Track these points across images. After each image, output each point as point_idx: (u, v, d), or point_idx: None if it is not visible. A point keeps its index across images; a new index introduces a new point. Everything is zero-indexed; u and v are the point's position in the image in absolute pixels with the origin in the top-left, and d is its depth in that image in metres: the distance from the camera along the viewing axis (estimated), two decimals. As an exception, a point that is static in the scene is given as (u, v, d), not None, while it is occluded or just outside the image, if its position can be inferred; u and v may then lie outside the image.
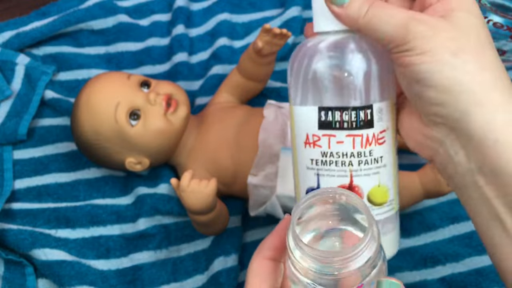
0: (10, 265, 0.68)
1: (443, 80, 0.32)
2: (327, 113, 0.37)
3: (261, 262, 0.34)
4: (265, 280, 0.34)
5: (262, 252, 0.35)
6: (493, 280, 0.64)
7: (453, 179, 0.35)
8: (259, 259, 0.34)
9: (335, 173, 0.38)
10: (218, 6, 0.93)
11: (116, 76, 0.71)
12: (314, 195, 0.32)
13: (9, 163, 0.77)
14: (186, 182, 0.62)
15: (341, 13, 0.35)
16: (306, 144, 0.38)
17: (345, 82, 0.36)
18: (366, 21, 0.34)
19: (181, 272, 0.69)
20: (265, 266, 0.34)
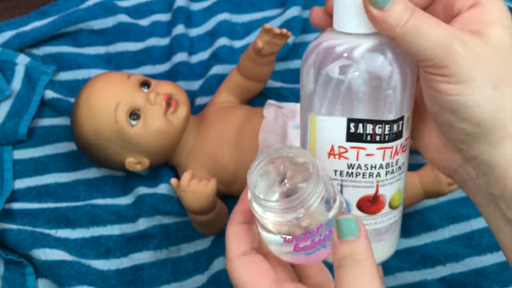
0: (10, 265, 0.68)
1: (480, 115, 0.31)
2: (357, 125, 0.35)
3: (235, 226, 0.37)
4: (242, 242, 0.36)
5: (234, 218, 0.37)
6: (493, 280, 0.64)
7: (474, 196, 0.36)
8: (232, 224, 0.37)
9: (361, 184, 0.37)
10: (218, 6, 0.93)
11: (116, 76, 0.71)
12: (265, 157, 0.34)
13: (9, 163, 0.77)
14: (186, 182, 0.62)
15: (380, 17, 0.31)
16: (330, 155, 0.36)
17: (382, 96, 0.34)
18: (404, 31, 0.30)
19: (181, 272, 0.69)
20: (239, 229, 0.36)
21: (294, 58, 0.86)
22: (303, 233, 0.32)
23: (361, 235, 0.31)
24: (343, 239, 0.31)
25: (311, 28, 0.89)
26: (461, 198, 0.71)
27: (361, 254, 0.30)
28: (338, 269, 0.31)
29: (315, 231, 0.32)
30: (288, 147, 0.34)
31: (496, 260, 0.66)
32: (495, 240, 0.69)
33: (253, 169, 0.34)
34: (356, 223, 0.31)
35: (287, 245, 0.34)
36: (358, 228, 0.31)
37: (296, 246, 0.33)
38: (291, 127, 0.67)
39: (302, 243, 0.33)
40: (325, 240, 0.33)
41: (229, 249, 0.36)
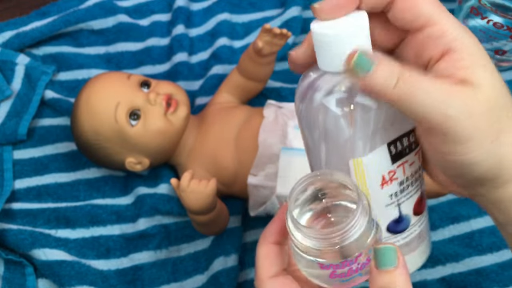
0: (10, 265, 0.68)
1: (482, 169, 0.31)
2: (396, 145, 0.35)
3: (267, 246, 0.36)
4: (274, 264, 0.35)
5: (267, 238, 0.36)
6: (493, 280, 0.64)
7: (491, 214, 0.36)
8: (265, 244, 0.36)
9: (411, 193, 0.38)
10: (218, 6, 0.93)
11: (116, 76, 0.71)
12: (305, 180, 0.33)
13: (9, 163, 0.77)
14: (186, 182, 0.62)
15: (365, 85, 0.30)
16: (383, 185, 0.36)
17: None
18: (396, 97, 0.30)
19: (181, 272, 0.69)
20: (271, 250, 0.36)
21: (294, 58, 0.86)
22: (342, 261, 0.32)
23: (400, 265, 0.30)
24: (381, 268, 0.30)
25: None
26: (461, 198, 0.71)
27: (400, 286, 0.30)
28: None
29: (354, 259, 0.32)
30: (331, 171, 0.33)
31: (496, 260, 0.66)
32: (495, 240, 0.70)
33: (294, 191, 0.33)
34: (395, 252, 0.31)
35: (323, 270, 0.33)
36: (397, 258, 0.30)
37: (332, 273, 0.33)
38: (291, 127, 0.67)
39: (339, 270, 0.33)
40: (362, 268, 0.33)
41: (260, 269, 0.36)
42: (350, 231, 0.31)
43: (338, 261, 0.32)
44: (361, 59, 0.30)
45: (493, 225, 0.69)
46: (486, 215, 0.70)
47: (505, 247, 0.67)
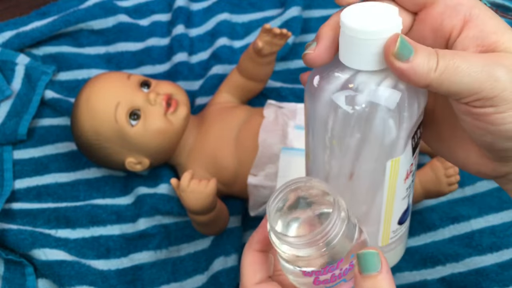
0: (10, 265, 0.68)
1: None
2: (415, 137, 0.35)
3: (252, 254, 0.36)
4: (258, 271, 0.36)
5: (252, 246, 0.37)
6: (493, 280, 0.64)
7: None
8: (250, 252, 0.37)
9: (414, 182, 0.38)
10: (218, 6, 0.93)
11: (116, 76, 0.71)
12: (283, 188, 0.33)
13: (9, 163, 0.77)
14: (186, 182, 0.62)
15: (408, 69, 0.29)
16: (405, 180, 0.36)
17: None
18: (439, 75, 0.28)
19: (181, 272, 0.69)
20: (256, 257, 0.36)
21: (294, 58, 0.86)
22: (323, 267, 0.32)
23: (383, 270, 0.30)
24: (365, 273, 0.30)
25: (311, 28, 0.89)
26: (461, 198, 0.71)
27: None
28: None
29: (336, 265, 0.32)
30: (308, 178, 0.33)
31: (496, 260, 0.66)
32: (495, 240, 0.70)
33: (272, 200, 0.33)
34: (378, 257, 0.30)
35: (306, 278, 0.33)
36: (380, 262, 0.30)
37: (315, 280, 0.33)
38: (291, 127, 0.67)
39: (322, 277, 0.33)
40: (345, 273, 0.33)
41: (245, 276, 0.36)
42: (327, 235, 0.30)
43: (319, 267, 0.32)
44: (403, 44, 0.29)
45: (493, 225, 0.69)
46: (486, 215, 0.70)
47: (505, 247, 0.67)
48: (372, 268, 0.30)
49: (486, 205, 0.71)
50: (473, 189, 0.72)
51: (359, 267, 0.31)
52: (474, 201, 0.71)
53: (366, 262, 0.30)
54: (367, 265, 0.30)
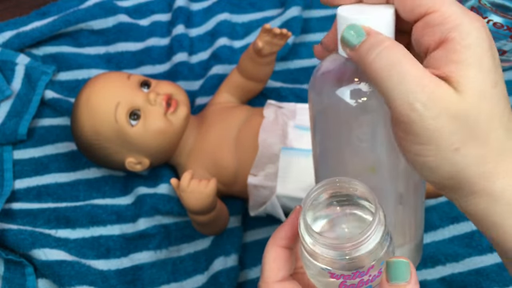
0: (10, 265, 0.68)
1: (445, 175, 0.30)
2: None
3: (277, 250, 0.35)
4: (282, 268, 0.35)
5: (277, 241, 0.35)
6: (493, 280, 0.64)
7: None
8: (274, 248, 0.35)
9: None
10: (218, 6, 0.93)
11: (116, 76, 0.71)
12: (323, 185, 0.33)
13: (9, 163, 0.77)
14: (186, 182, 0.62)
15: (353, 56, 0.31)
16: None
17: None
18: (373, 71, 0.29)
19: (181, 272, 0.69)
20: (281, 254, 0.35)
21: (294, 58, 0.86)
22: (354, 272, 0.31)
23: (412, 281, 0.30)
24: (393, 282, 0.30)
25: (311, 28, 0.89)
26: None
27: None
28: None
29: (366, 271, 0.32)
30: (350, 180, 0.33)
31: (496, 260, 0.66)
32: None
33: (310, 195, 0.33)
34: (408, 266, 0.30)
35: (333, 280, 0.32)
36: (410, 273, 0.30)
37: (342, 283, 0.32)
38: (291, 127, 0.67)
39: (349, 281, 0.32)
40: (373, 280, 0.32)
41: (268, 272, 0.35)
42: (365, 242, 0.30)
43: (350, 271, 0.31)
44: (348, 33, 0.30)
45: (493, 225, 0.69)
46: (486, 215, 0.70)
47: (505, 247, 0.67)
48: (402, 277, 0.30)
49: (486, 205, 0.71)
50: (473, 189, 0.72)
51: (388, 275, 0.30)
52: (474, 201, 0.71)
53: (396, 271, 0.30)
54: (397, 274, 0.30)
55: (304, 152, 0.64)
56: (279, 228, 0.35)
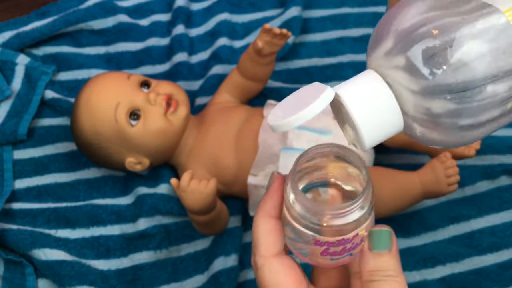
0: (10, 265, 0.68)
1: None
2: None
3: (270, 222, 0.33)
4: (279, 240, 0.33)
5: (268, 212, 0.33)
6: (493, 280, 0.64)
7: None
8: (267, 219, 0.33)
9: None
10: (218, 6, 0.93)
11: (116, 76, 0.71)
12: (315, 148, 0.32)
13: (9, 163, 0.77)
14: (186, 182, 0.62)
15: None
16: None
17: None
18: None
19: (181, 272, 0.69)
20: (275, 225, 0.33)
21: (294, 58, 0.86)
22: (339, 240, 0.31)
23: (393, 249, 0.30)
24: (375, 250, 0.30)
25: (311, 28, 0.89)
26: (461, 198, 0.71)
27: (393, 270, 0.30)
28: (370, 284, 0.30)
29: (350, 239, 0.32)
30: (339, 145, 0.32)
31: (496, 260, 0.66)
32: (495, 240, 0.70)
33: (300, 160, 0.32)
34: (390, 235, 0.31)
35: (316, 247, 0.32)
36: (392, 241, 0.31)
37: (325, 251, 0.32)
38: (291, 127, 0.67)
39: (332, 249, 0.32)
40: (355, 248, 0.32)
41: (264, 245, 0.33)
42: (355, 209, 0.30)
43: (335, 239, 0.31)
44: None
45: (493, 225, 0.69)
46: (486, 215, 0.70)
47: (505, 247, 0.67)
48: (384, 246, 0.30)
49: (486, 205, 0.71)
50: (473, 189, 0.72)
51: (371, 243, 0.31)
52: (474, 201, 0.71)
53: (379, 240, 0.31)
54: (379, 242, 0.30)
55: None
56: (265, 199, 0.34)
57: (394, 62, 0.28)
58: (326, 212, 0.30)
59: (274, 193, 0.34)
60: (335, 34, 0.88)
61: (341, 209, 0.30)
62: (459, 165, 0.67)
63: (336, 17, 0.89)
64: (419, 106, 0.27)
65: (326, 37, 0.88)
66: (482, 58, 0.26)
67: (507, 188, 0.72)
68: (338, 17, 0.89)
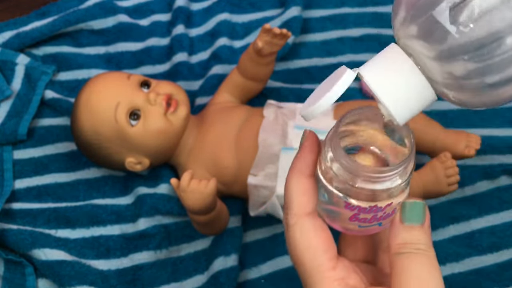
0: (10, 265, 0.68)
1: None
2: None
3: (304, 180, 0.32)
4: (311, 200, 0.32)
5: (302, 170, 0.32)
6: (493, 280, 0.64)
7: None
8: (300, 178, 0.32)
9: None
10: (218, 6, 0.93)
11: (116, 76, 0.71)
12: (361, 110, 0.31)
13: (9, 163, 0.77)
14: (186, 182, 0.62)
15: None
16: None
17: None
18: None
19: (181, 272, 0.69)
20: (309, 184, 0.32)
21: (294, 58, 0.86)
22: (371, 206, 0.30)
23: (426, 224, 0.30)
24: (407, 223, 0.29)
25: (311, 28, 0.89)
26: (461, 198, 0.71)
27: (424, 244, 0.29)
28: (400, 256, 0.29)
29: (383, 207, 0.30)
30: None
31: (496, 260, 0.66)
32: (495, 240, 0.70)
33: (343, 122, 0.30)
34: (424, 209, 0.30)
35: (346, 211, 0.31)
36: (425, 215, 0.30)
37: (354, 215, 0.31)
38: (291, 127, 0.67)
39: (362, 215, 0.31)
40: (385, 218, 0.31)
41: (297, 204, 0.32)
42: (393, 176, 0.29)
43: (367, 204, 0.30)
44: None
45: (493, 225, 0.69)
46: (486, 215, 0.70)
47: (505, 247, 0.67)
48: (416, 219, 0.29)
49: (486, 205, 0.71)
50: (473, 189, 0.72)
51: (403, 215, 0.30)
52: (474, 201, 0.71)
53: (412, 212, 0.30)
54: (412, 214, 0.30)
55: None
56: (298, 157, 0.32)
57: (410, 31, 0.28)
58: (364, 174, 0.29)
59: (307, 151, 0.32)
60: (335, 34, 0.88)
61: (380, 173, 0.29)
62: (459, 165, 0.67)
63: (336, 17, 0.89)
64: (442, 72, 0.27)
65: (326, 37, 0.88)
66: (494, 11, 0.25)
67: (507, 188, 0.72)
68: (338, 17, 0.89)
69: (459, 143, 0.68)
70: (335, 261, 0.31)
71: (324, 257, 0.31)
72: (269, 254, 0.70)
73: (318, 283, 0.30)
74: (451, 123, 0.75)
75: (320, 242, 0.31)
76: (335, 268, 0.31)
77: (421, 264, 0.29)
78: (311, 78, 0.83)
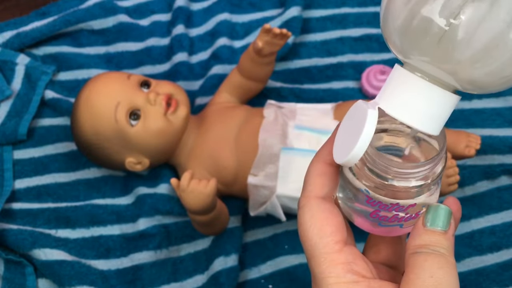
0: (10, 265, 0.68)
1: None
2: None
3: (322, 165, 0.32)
4: (327, 184, 0.32)
5: (323, 156, 0.32)
6: (493, 280, 0.64)
7: None
8: (319, 163, 0.32)
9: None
10: (218, 6, 0.93)
11: (116, 76, 0.71)
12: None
13: (9, 163, 0.77)
14: (186, 182, 0.62)
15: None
16: None
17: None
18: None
19: (181, 272, 0.69)
20: (326, 170, 0.32)
21: (294, 58, 0.86)
22: (393, 204, 0.29)
23: (450, 231, 0.28)
24: (431, 227, 0.28)
25: (311, 28, 0.89)
26: (461, 198, 0.71)
27: (446, 248, 0.28)
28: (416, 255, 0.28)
29: (406, 207, 0.30)
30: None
31: (496, 260, 0.66)
32: (495, 240, 0.70)
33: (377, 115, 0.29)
34: (450, 215, 0.29)
35: (367, 205, 0.30)
36: (450, 222, 0.28)
37: (375, 212, 0.30)
38: (291, 127, 0.67)
39: (383, 212, 0.30)
40: (407, 220, 0.30)
41: (309, 186, 0.32)
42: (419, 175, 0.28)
43: (389, 201, 0.29)
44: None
45: (493, 225, 0.69)
46: (486, 215, 0.70)
47: (505, 247, 0.67)
48: (441, 224, 0.28)
49: (486, 205, 0.71)
50: (473, 189, 0.72)
51: (426, 219, 0.29)
52: (474, 201, 0.71)
53: (436, 216, 0.29)
54: (436, 219, 0.28)
55: (304, 152, 0.65)
56: (324, 145, 0.32)
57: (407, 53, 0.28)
58: (390, 167, 0.28)
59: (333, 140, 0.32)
60: (335, 34, 0.88)
61: (407, 168, 0.28)
62: (459, 165, 0.67)
63: (336, 17, 0.89)
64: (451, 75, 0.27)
65: (326, 37, 0.88)
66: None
67: (507, 188, 0.72)
68: (338, 17, 0.89)
69: (459, 143, 0.68)
70: (341, 245, 0.30)
71: (330, 239, 0.30)
72: (269, 254, 0.70)
73: (321, 265, 0.29)
74: (451, 123, 0.75)
75: (328, 224, 0.30)
76: (341, 251, 0.30)
77: (438, 264, 0.27)
78: (311, 78, 0.83)
